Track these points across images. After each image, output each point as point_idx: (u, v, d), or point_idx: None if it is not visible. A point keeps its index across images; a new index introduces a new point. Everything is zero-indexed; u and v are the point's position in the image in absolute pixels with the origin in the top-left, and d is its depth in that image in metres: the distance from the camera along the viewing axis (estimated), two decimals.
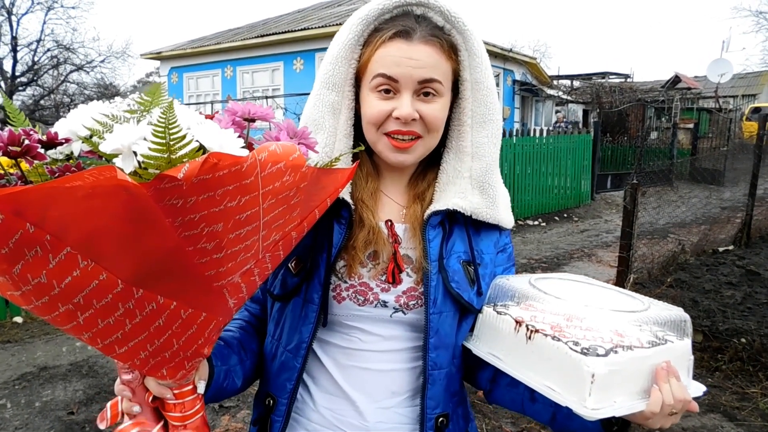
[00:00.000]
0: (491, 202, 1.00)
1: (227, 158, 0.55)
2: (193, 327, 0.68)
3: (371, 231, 0.95)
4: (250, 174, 0.58)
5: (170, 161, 0.55)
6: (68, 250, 0.53)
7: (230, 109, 0.74)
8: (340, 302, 0.95)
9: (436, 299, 0.93)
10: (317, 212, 0.80)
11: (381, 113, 0.91)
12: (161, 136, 0.55)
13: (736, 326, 3.99)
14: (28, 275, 0.54)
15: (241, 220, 0.61)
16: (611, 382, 0.74)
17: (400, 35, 0.90)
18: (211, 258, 0.62)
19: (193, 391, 0.80)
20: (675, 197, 8.06)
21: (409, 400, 0.97)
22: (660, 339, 0.81)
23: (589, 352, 0.75)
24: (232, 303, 0.72)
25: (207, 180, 0.54)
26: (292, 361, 0.97)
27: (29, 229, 0.50)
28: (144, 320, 0.62)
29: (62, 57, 19.69)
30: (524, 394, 0.96)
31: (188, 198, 0.54)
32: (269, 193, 0.63)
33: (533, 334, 0.82)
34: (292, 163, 0.65)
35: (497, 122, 1.01)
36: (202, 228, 0.58)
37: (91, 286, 0.56)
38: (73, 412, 3.22)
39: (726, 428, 3.08)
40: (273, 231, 0.69)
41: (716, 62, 16.48)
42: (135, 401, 0.79)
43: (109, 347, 0.65)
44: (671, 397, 0.76)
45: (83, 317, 0.59)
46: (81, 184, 0.49)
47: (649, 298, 0.91)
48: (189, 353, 0.72)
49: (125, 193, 0.51)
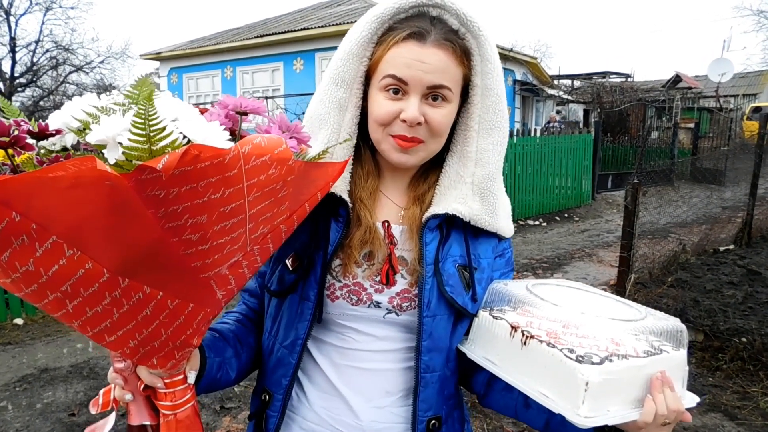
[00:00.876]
0: (491, 210, 1.00)
1: (209, 150, 0.56)
2: (181, 317, 0.69)
3: (368, 230, 0.96)
4: (233, 166, 0.59)
5: (152, 153, 0.56)
6: (54, 239, 0.53)
7: (222, 102, 0.74)
8: (333, 301, 0.96)
9: (430, 302, 0.93)
10: (308, 206, 0.80)
11: (389, 114, 0.91)
12: (141, 127, 0.55)
13: (737, 326, 3.98)
14: (16, 263, 0.54)
15: (225, 212, 0.62)
16: (605, 391, 0.74)
17: (413, 37, 0.89)
18: (197, 249, 0.62)
19: (183, 381, 0.81)
20: (676, 197, 8.05)
21: (402, 400, 0.97)
22: (656, 349, 0.81)
23: (584, 360, 0.75)
24: (221, 295, 0.73)
25: (188, 171, 0.55)
26: (288, 357, 0.97)
27: (15, 217, 0.51)
28: (131, 309, 0.63)
29: (61, 58, 19.67)
30: (518, 400, 0.95)
31: (170, 189, 0.55)
32: (254, 185, 0.63)
33: (528, 340, 0.82)
34: (278, 156, 0.65)
35: (504, 130, 1.00)
36: (185, 219, 0.59)
37: (78, 275, 0.57)
38: (74, 413, 3.22)
39: (727, 427, 3.08)
40: (261, 224, 0.70)
41: (717, 62, 16.45)
42: (127, 389, 0.80)
43: (99, 335, 0.66)
44: (665, 407, 0.76)
45: (72, 305, 0.60)
46: (63, 174, 0.50)
47: (646, 308, 0.90)
48: (178, 343, 0.73)
49: (106, 183, 0.51)
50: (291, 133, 0.76)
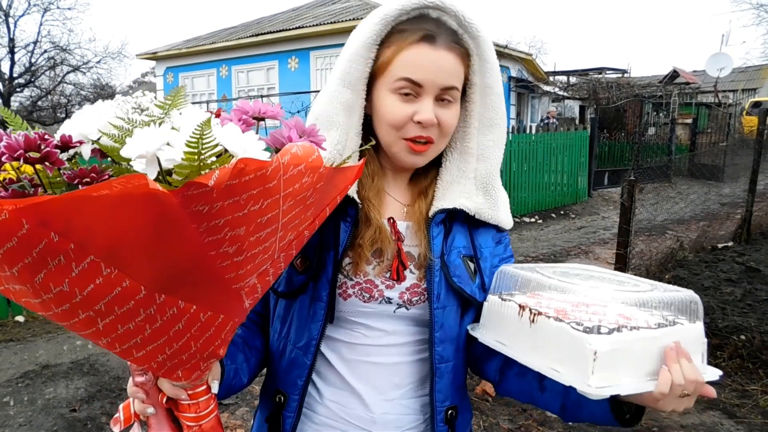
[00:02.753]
0: (493, 203, 1.03)
1: (254, 163, 0.55)
2: (211, 329, 0.69)
3: (378, 229, 0.97)
4: (274, 177, 0.59)
5: (200, 168, 0.56)
6: (92, 258, 0.52)
7: (240, 108, 0.74)
8: (345, 299, 0.97)
9: (440, 294, 0.95)
10: (328, 210, 0.81)
11: (404, 116, 0.92)
12: (194, 146, 0.55)
13: (735, 323, 3.98)
14: (50, 284, 0.53)
15: (262, 223, 0.61)
16: (615, 361, 0.73)
17: (425, 39, 0.90)
18: (232, 261, 0.62)
19: (207, 391, 0.81)
20: (673, 193, 8.04)
21: (412, 392, 1.00)
22: (669, 322, 0.80)
23: (591, 331, 0.74)
24: (248, 303, 0.73)
25: (233, 185, 0.54)
26: (302, 358, 0.98)
27: (53, 238, 0.49)
28: (164, 324, 0.63)
29: (59, 58, 19.63)
30: (533, 384, 0.96)
31: (214, 204, 0.54)
32: (289, 195, 0.63)
33: (536, 317, 0.82)
34: (311, 165, 0.65)
35: (503, 127, 1.03)
36: (225, 233, 0.58)
37: (114, 293, 0.56)
38: (75, 409, 3.25)
39: (726, 426, 3.07)
40: (289, 231, 0.70)
41: (715, 56, 16.43)
42: (148, 403, 0.79)
43: (127, 351, 0.65)
44: (681, 377, 0.74)
45: (103, 323, 0.59)
46: (109, 193, 0.48)
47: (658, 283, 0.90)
48: (206, 354, 0.73)
49: (155, 201, 0.50)
50: (307, 136, 0.76)
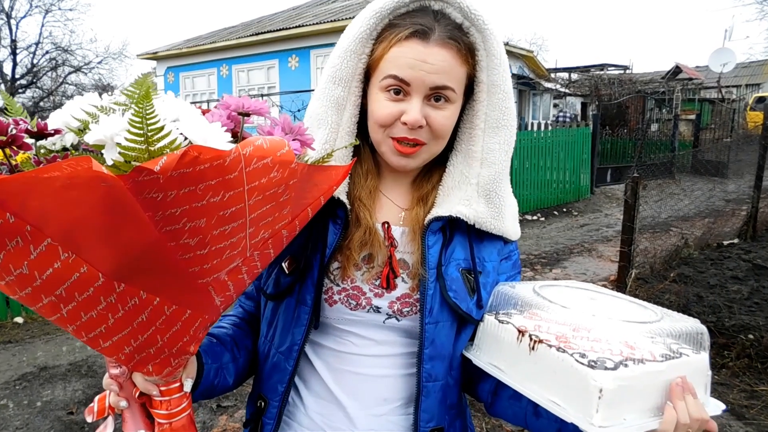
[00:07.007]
0: (497, 212, 0.96)
1: (209, 151, 0.54)
2: (178, 324, 0.67)
3: (368, 231, 0.93)
4: (234, 169, 0.57)
5: (150, 153, 0.55)
6: (49, 242, 0.53)
7: (224, 103, 0.72)
8: (331, 305, 0.93)
9: (433, 308, 0.90)
10: (310, 211, 0.78)
11: (390, 115, 0.88)
12: (138, 126, 0.54)
13: (743, 322, 3.92)
14: (10, 266, 0.54)
15: (225, 216, 0.60)
16: (621, 398, 0.69)
17: (416, 35, 0.85)
18: (195, 254, 0.61)
19: (179, 389, 0.80)
20: (677, 190, 7.96)
21: (401, 408, 0.94)
22: (674, 352, 0.76)
23: (596, 365, 0.70)
24: (219, 301, 0.71)
25: (187, 174, 0.53)
26: (283, 363, 0.95)
27: (9, 218, 0.50)
28: (127, 315, 0.62)
29: (60, 59, 19.78)
30: (527, 409, 0.91)
31: (168, 192, 0.54)
32: (255, 189, 0.61)
33: (537, 345, 0.78)
34: (280, 159, 0.63)
35: (511, 128, 0.96)
36: (184, 223, 0.57)
37: (72, 279, 0.56)
38: (73, 412, 3.24)
39: (734, 427, 3.00)
40: (261, 228, 0.68)
41: (718, 51, 16.28)
42: (122, 396, 0.79)
43: (94, 341, 0.65)
44: (687, 415, 0.71)
45: (66, 309, 0.59)
46: (59, 175, 0.49)
47: (662, 309, 0.86)
48: (174, 350, 0.72)
49: (102, 184, 0.50)
50: (294, 134, 0.74)
